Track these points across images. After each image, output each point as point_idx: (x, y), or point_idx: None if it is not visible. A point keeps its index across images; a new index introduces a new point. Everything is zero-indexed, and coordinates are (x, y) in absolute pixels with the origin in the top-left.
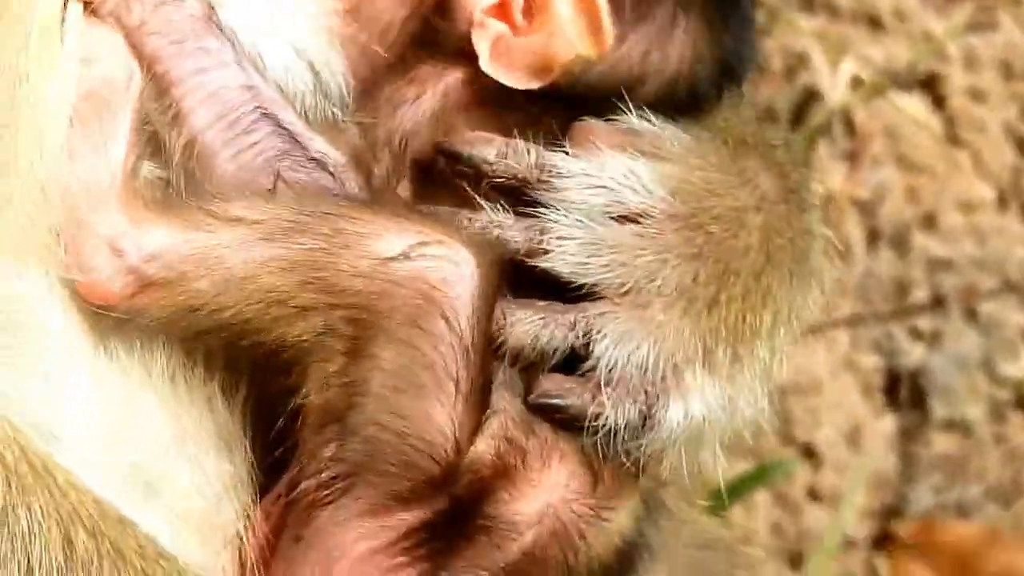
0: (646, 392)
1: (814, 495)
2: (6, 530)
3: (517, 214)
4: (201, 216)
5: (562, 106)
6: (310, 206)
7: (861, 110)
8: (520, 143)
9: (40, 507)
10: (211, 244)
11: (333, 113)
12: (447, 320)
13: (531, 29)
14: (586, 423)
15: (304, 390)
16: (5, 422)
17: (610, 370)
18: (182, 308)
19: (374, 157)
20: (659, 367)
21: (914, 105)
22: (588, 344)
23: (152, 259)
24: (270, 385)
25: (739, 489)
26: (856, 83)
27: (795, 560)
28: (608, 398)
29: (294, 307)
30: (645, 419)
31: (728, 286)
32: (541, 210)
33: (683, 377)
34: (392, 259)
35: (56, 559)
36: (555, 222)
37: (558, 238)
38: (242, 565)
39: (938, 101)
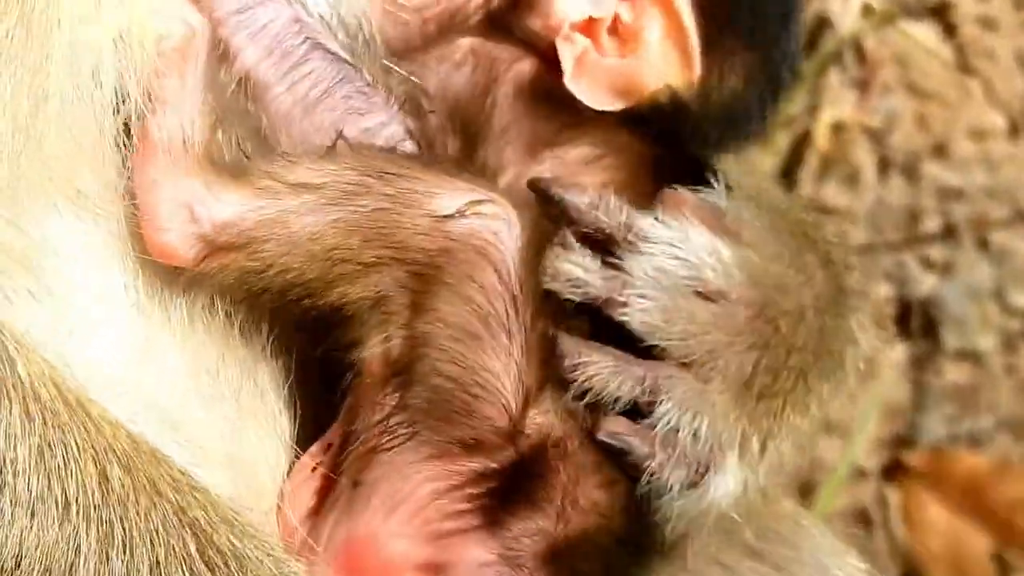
0: (698, 462)
1: (825, 425)
2: (43, 467)
3: (602, 262)
4: (268, 182)
5: (606, 119)
6: (371, 165)
7: (872, 38)
8: (613, 199)
9: (76, 443)
10: (278, 210)
11: (377, 54)
12: (499, 274)
13: (619, 52)
14: (642, 473)
15: (367, 344)
16: (39, 358)
17: (667, 432)
18: (248, 271)
19: (428, 98)
20: (708, 442)
21: (925, 33)
22: (651, 402)
23: (224, 227)
24: (320, 341)
25: None
26: (867, 11)
27: (805, 489)
28: (668, 456)
29: (359, 265)
30: (692, 486)
31: (780, 380)
32: (624, 264)
33: (724, 457)
34: (449, 217)
35: (93, 495)
36: (636, 280)
37: (637, 296)
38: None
39: (949, 29)
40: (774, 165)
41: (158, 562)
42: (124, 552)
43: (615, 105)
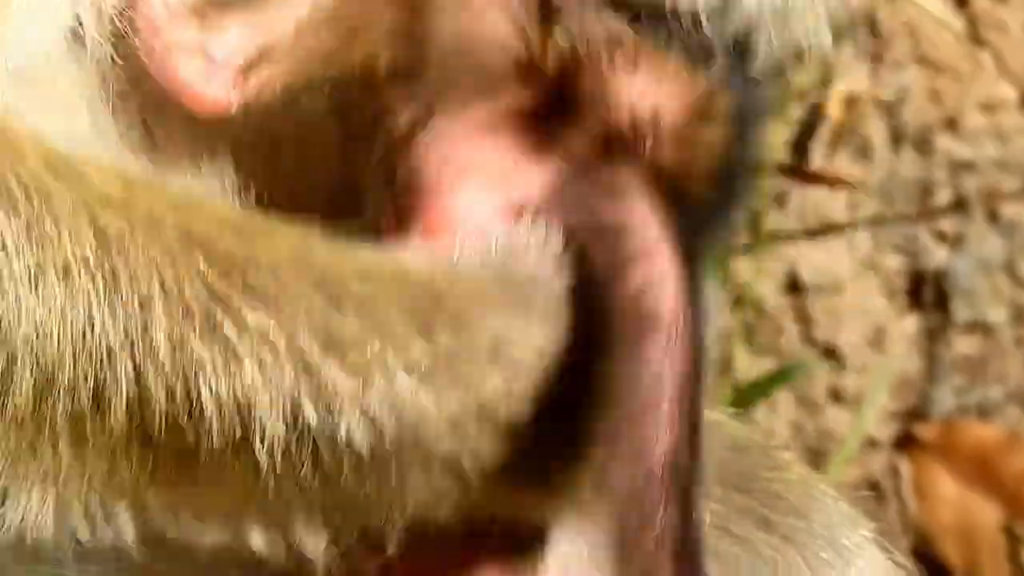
0: None
1: (836, 396)
2: (34, 241)
3: None
4: None
5: None
6: None
7: (884, 10)
8: None
9: (66, 205)
10: (277, 11)
11: None
12: None
13: None
14: (666, 13)
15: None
16: (13, 134)
17: None
18: (278, 83)
19: None
20: None
21: (936, 5)
22: None
23: (240, 53)
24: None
25: (761, 389)
26: None
27: (816, 461)
28: None
29: (364, 22)
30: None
31: None
32: None
33: None
34: None
35: (91, 248)
36: None
37: None
38: None
39: (960, 1)
40: (787, 136)
41: (168, 283)
42: (131, 288)
43: None
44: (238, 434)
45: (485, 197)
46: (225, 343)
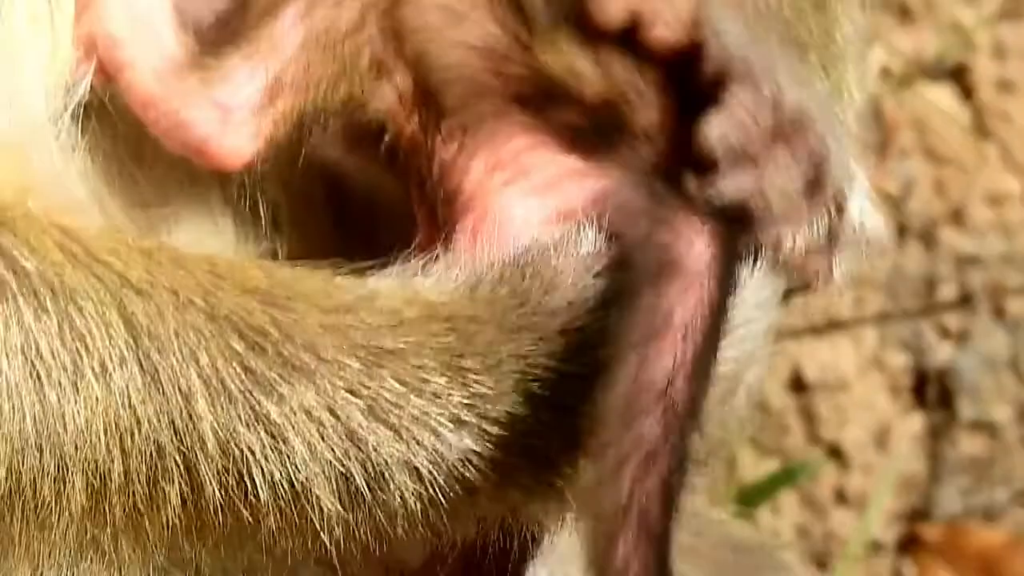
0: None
1: (841, 497)
2: (70, 343)
3: None
4: (252, 33)
5: None
6: None
7: (890, 101)
8: None
9: (93, 299)
10: (270, 46)
11: None
12: None
13: None
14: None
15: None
16: (36, 221)
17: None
18: (297, 115)
19: None
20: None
21: (942, 96)
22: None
23: (249, 98)
24: None
25: (766, 490)
26: (885, 73)
27: (821, 563)
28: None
29: (348, 33)
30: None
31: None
32: None
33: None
34: None
35: (121, 342)
36: None
37: None
38: None
39: (966, 92)
40: None
41: (206, 371)
42: (171, 380)
43: None
44: (295, 511)
45: (529, 205)
46: (270, 426)
